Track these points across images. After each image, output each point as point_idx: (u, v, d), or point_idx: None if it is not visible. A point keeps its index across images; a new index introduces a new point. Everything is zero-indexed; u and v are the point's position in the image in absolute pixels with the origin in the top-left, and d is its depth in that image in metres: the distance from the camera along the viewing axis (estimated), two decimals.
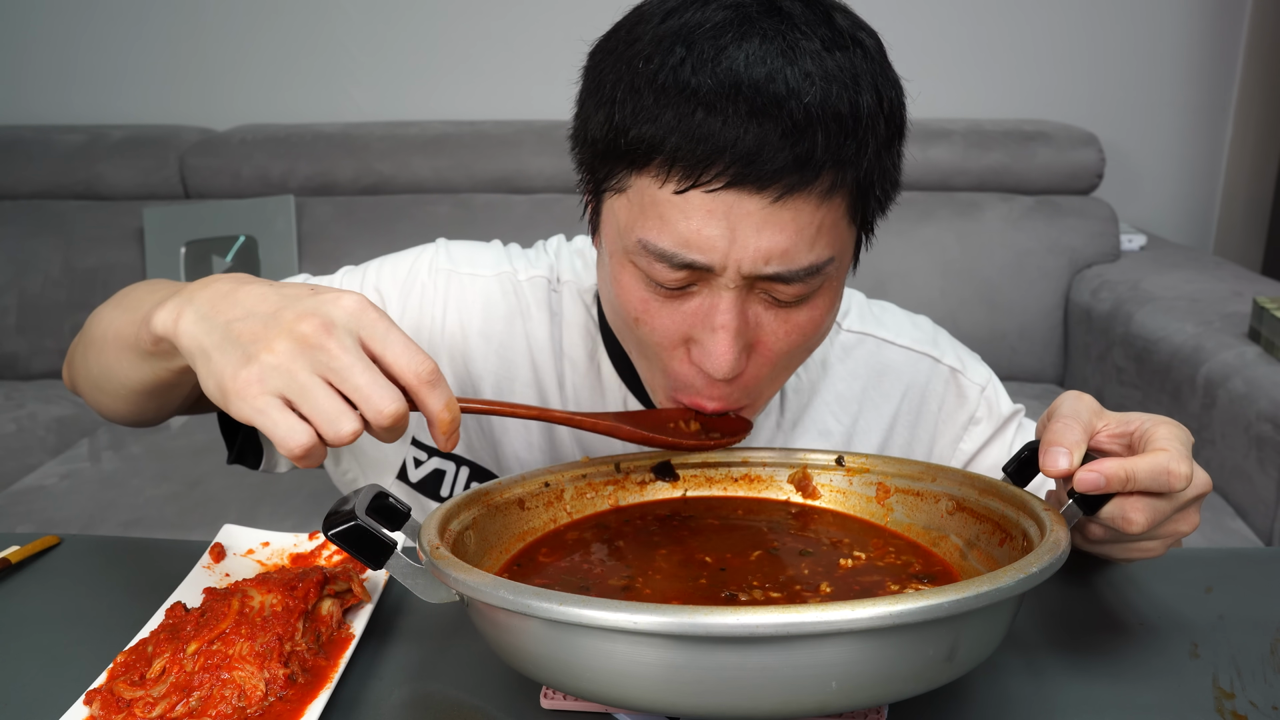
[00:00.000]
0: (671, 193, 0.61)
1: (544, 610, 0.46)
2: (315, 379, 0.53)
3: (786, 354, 0.68)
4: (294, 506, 1.63)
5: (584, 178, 0.71)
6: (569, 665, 0.48)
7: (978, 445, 0.88)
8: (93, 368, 0.75)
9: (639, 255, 0.65)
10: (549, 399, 0.85)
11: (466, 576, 0.50)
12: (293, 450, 0.53)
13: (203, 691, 0.55)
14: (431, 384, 0.55)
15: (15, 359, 2.22)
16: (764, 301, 0.66)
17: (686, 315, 0.66)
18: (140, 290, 0.74)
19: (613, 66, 0.64)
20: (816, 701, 0.46)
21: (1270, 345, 1.60)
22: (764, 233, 0.61)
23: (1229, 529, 1.53)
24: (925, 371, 0.89)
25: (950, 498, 0.66)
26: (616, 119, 0.62)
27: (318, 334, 0.53)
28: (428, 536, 0.56)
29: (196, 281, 0.61)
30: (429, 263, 0.86)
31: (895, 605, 0.43)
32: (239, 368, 0.53)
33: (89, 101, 2.52)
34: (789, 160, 0.59)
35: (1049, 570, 0.49)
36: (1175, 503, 0.59)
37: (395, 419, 0.54)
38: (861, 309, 0.92)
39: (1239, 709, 0.56)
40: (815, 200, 0.61)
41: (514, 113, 2.44)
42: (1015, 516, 0.60)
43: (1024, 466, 0.63)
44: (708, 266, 0.63)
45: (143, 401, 0.74)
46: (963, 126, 2.23)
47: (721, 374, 0.65)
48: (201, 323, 0.56)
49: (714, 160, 0.59)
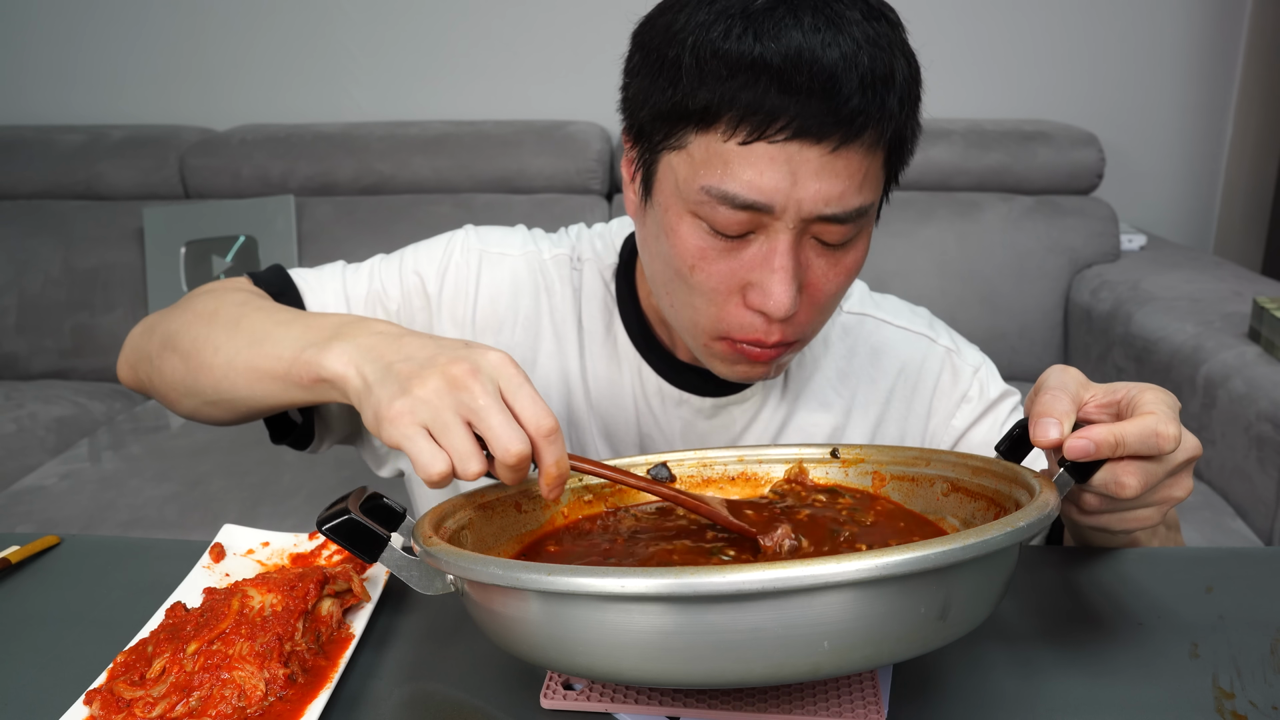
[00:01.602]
0: (738, 144, 0.67)
1: (534, 582, 0.46)
2: (457, 418, 0.59)
3: (833, 295, 0.75)
4: (294, 507, 1.63)
5: (635, 141, 0.75)
6: (563, 641, 0.48)
7: (968, 422, 0.91)
8: (205, 387, 0.78)
9: (702, 203, 0.70)
10: (569, 367, 0.90)
11: (458, 558, 0.50)
12: (431, 476, 0.59)
13: (203, 691, 0.55)
14: (550, 439, 0.61)
15: (15, 359, 2.22)
16: (814, 247, 0.72)
17: (744, 262, 0.72)
18: (254, 317, 0.76)
19: (672, 40, 0.69)
20: (810, 663, 0.46)
21: (1270, 345, 1.60)
22: (822, 178, 0.68)
23: (1229, 529, 1.53)
24: (921, 350, 0.93)
25: (945, 480, 0.67)
26: (685, 84, 0.68)
27: (465, 377, 0.60)
28: (422, 529, 0.57)
29: (348, 321, 0.70)
30: (461, 244, 0.92)
31: (884, 557, 0.44)
32: (394, 399, 0.60)
33: (89, 101, 2.52)
34: (845, 115, 0.66)
35: (1037, 526, 0.49)
36: (1166, 465, 0.61)
37: (519, 459, 0.59)
38: (863, 295, 0.97)
39: (1239, 709, 0.56)
40: (864, 151, 0.68)
41: (514, 113, 2.44)
42: (1008, 490, 0.61)
43: (1016, 444, 0.64)
44: (769, 208, 0.68)
45: (258, 416, 0.80)
46: (963, 126, 2.23)
47: (781, 313, 0.71)
48: (369, 364, 0.64)
49: (779, 116, 0.66)
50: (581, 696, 0.57)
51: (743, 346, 0.75)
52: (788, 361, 0.80)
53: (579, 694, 0.58)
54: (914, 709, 0.57)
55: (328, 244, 2.18)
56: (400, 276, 0.90)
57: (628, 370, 0.89)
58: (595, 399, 0.89)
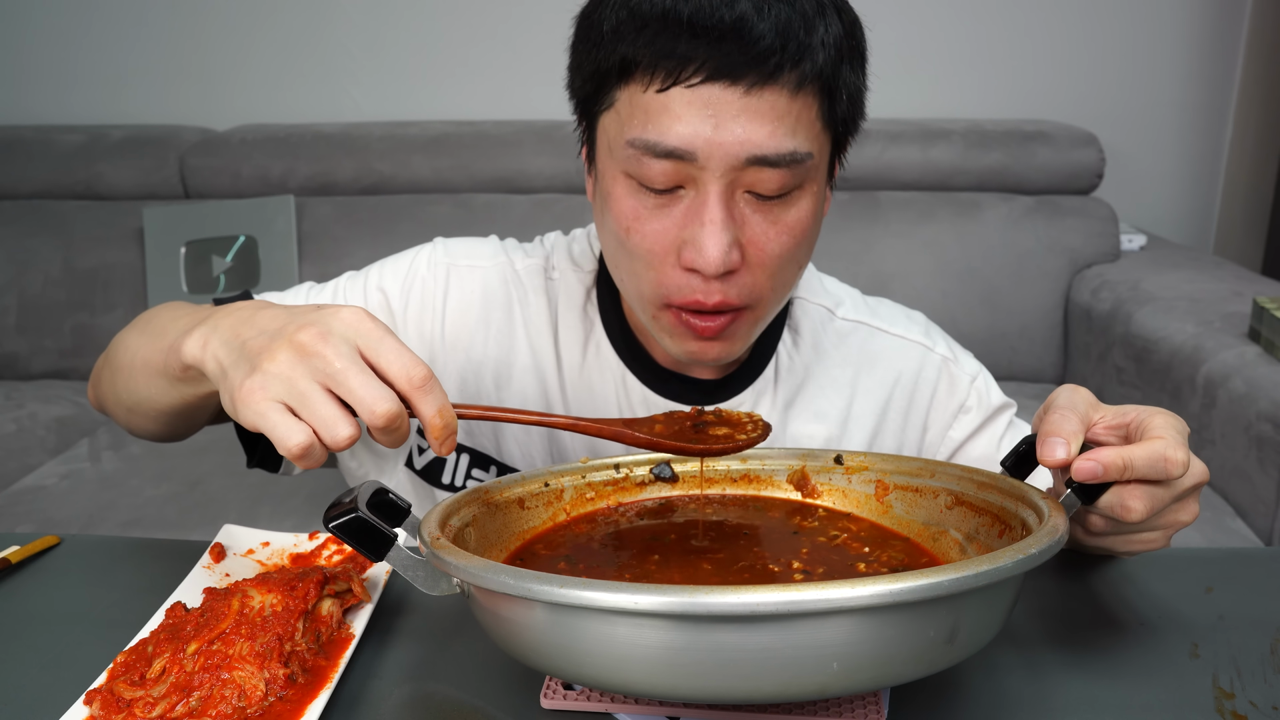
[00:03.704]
0: (655, 92, 0.68)
1: (546, 594, 0.46)
2: (314, 385, 0.56)
3: (778, 257, 0.73)
4: (294, 507, 1.63)
5: (580, 116, 0.77)
6: (570, 651, 0.48)
7: (966, 434, 0.90)
8: (121, 392, 0.79)
9: (629, 159, 0.70)
10: (547, 382, 0.87)
11: (468, 564, 0.50)
12: (291, 450, 0.55)
13: (203, 691, 0.55)
14: (424, 389, 0.57)
15: (15, 359, 2.22)
16: (749, 201, 0.71)
17: (676, 219, 0.71)
18: (163, 316, 0.77)
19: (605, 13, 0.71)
20: (817, 683, 0.46)
21: (1270, 345, 1.60)
22: (742, 120, 0.67)
23: (1229, 529, 1.53)
24: (918, 359, 0.91)
25: (949, 493, 0.67)
26: (606, 45, 0.70)
27: (315, 342, 0.56)
28: (428, 529, 0.56)
29: (221, 308, 0.65)
30: (427, 259, 0.90)
31: (895, 584, 0.43)
32: (245, 378, 0.57)
33: (89, 101, 2.52)
34: (756, 53, 0.66)
35: (1047, 553, 0.49)
36: (1174, 490, 0.60)
37: (389, 419, 0.55)
38: (856, 301, 0.95)
39: (1239, 709, 0.56)
40: (787, 93, 0.68)
41: (514, 113, 2.43)
42: (1014, 508, 0.60)
43: (1021, 460, 0.64)
44: (692, 154, 0.68)
45: (174, 421, 0.78)
46: (963, 126, 2.23)
47: (713, 268, 0.69)
48: (223, 346, 0.60)
49: (691, 60, 0.67)
50: (581, 697, 0.57)
51: (687, 318, 0.74)
52: (743, 335, 0.77)
53: (579, 694, 0.58)
54: (914, 708, 0.57)
55: (327, 244, 2.18)
56: (365, 294, 0.88)
57: (611, 379, 0.87)
58: (576, 410, 0.87)
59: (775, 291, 0.75)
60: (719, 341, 0.75)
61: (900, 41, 2.36)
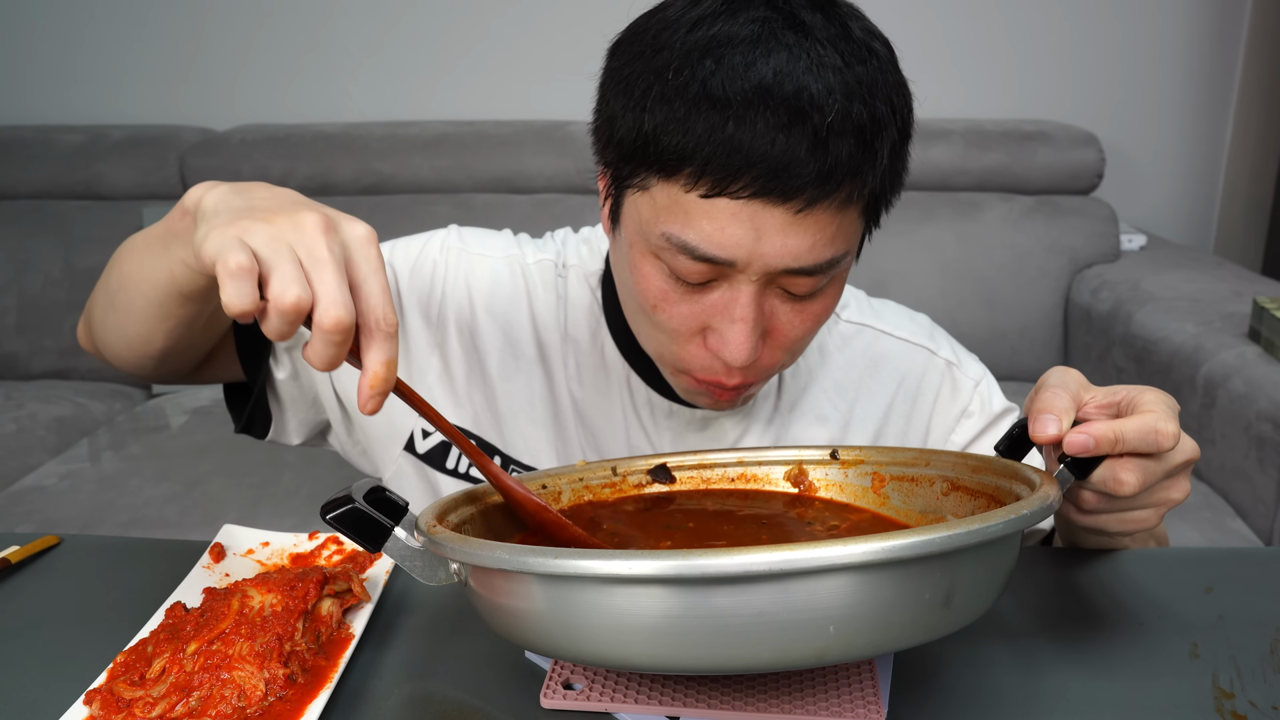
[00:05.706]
0: (699, 197, 0.64)
1: (541, 566, 0.46)
2: (291, 254, 0.52)
3: (799, 339, 0.73)
4: (294, 507, 1.63)
5: (605, 170, 0.73)
6: (568, 627, 0.48)
7: (969, 438, 0.90)
8: (114, 299, 0.74)
9: (663, 249, 0.67)
10: (554, 377, 0.88)
11: (462, 545, 0.51)
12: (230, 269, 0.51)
13: (203, 691, 0.55)
14: (387, 335, 0.54)
15: (15, 359, 2.22)
16: (780, 295, 0.70)
17: (705, 307, 0.70)
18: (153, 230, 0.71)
19: (641, 72, 0.66)
20: (815, 648, 0.46)
21: (1270, 345, 1.60)
22: (788, 237, 0.65)
23: (1229, 529, 1.53)
24: (921, 363, 0.91)
25: (944, 479, 0.67)
26: (646, 126, 0.65)
27: (315, 228, 0.54)
28: (425, 520, 0.57)
29: None
30: (440, 242, 0.90)
31: (889, 541, 0.44)
32: (233, 220, 0.54)
33: (89, 101, 2.52)
34: (813, 174, 0.62)
35: (1039, 515, 0.50)
36: (1165, 464, 0.61)
37: (338, 325, 0.52)
38: (861, 303, 0.94)
39: (1239, 709, 0.56)
40: (836, 208, 0.65)
41: (514, 113, 2.44)
42: (1009, 485, 0.61)
43: (1015, 444, 0.64)
44: (731, 263, 0.66)
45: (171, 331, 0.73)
46: (963, 126, 2.23)
47: (739, 363, 0.69)
48: (228, 194, 0.58)
49: (743, 172, 0.62)
50: (581, 696, 0.57)
51: (707, 386, 0.74)
52: (755, 392, 0.80)
53: (579, 694, 0.58)
54: (914, 708, 0.57)
55: None
56: None
57: (616, 381, 0.87)
58: (583, 410, 0.87)
59: (793, 357, 0.76)
60: (733, 401, 0.77)
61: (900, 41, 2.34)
